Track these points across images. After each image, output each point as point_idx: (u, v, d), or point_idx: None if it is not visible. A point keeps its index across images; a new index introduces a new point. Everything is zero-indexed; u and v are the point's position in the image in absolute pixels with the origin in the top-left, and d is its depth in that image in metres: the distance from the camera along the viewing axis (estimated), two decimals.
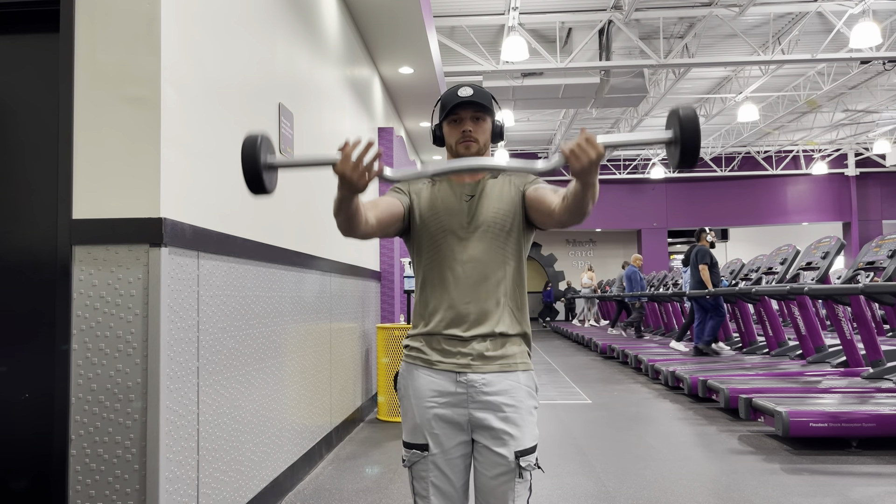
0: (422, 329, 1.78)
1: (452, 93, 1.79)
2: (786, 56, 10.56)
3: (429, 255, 1.79)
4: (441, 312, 1.75)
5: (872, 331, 5.57)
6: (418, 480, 1.74)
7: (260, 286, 3.18)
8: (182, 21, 2.44)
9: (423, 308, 1.79)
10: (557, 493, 3.54)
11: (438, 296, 1.76)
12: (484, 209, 1.77)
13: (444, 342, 1.74)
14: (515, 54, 9.10)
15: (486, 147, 1.81)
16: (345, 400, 4.94)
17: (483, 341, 1.72)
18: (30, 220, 2.35)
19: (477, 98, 1.75)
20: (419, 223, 1.81)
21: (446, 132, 1.81)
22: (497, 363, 1.72)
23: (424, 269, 1.80)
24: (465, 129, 1.77)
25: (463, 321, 1.73)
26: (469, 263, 1.74)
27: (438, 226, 1.78)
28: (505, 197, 1.79)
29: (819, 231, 22.61)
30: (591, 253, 23.63)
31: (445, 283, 1.75)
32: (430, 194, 1.83)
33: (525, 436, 1.70)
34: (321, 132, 4.43)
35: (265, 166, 1.52)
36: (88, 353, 2.23)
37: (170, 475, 2.29)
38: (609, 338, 12.22)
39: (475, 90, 1.77)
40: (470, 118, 1.77)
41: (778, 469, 3.90)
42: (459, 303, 1.73)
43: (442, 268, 1.76)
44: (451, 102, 1.77)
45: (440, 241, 1.77)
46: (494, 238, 1.76)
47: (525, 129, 17.31)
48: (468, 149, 1.77)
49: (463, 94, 1.76)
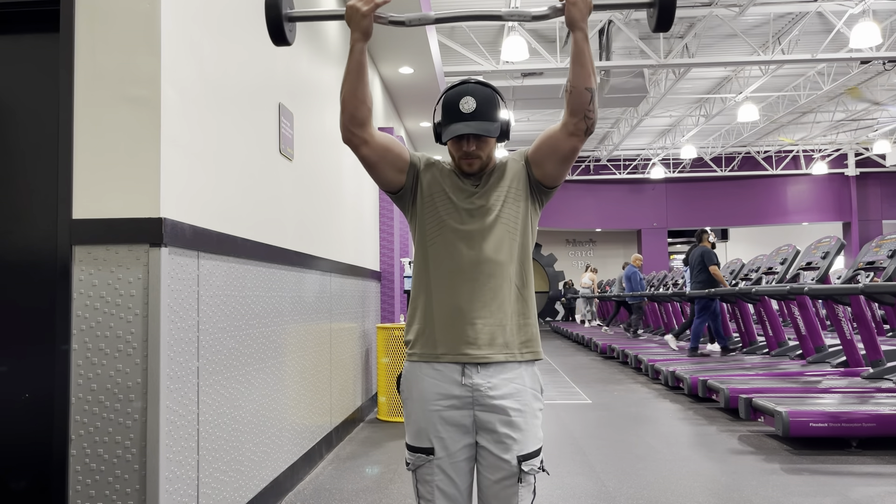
0: (424, 322, 1.74)
1: (454, 101, 1.72)
2: (786, 56, 10.56)
3: (432, 242, 1.75)
4: (443, 305, 1.71)
5: (872, 331, 5.57)
6: (423, 484, 1.71)
7: (260, 286, 3.18)
8: (182, 21, 2.44)
9: (425, 300, 1.75)
10: (557, 493, 3.54)
11: (441, 287, 1.72)
12: (490, 202, 1.74)
13: (447, 333, 1.70)
14: (515, 54, 9.10)
15: (489, 158, 1.77)
16: (345, 400, 4.94)
17: (488, 329, 1.69)
18: (30, 220, 2.35)
19: (479, 127, 1.68)
20: (420, 201, 1.78)
21: (449, 144, 1.76)
22: (503, 352, 1.70)
23: (426, 256, 1.76)
24: (467, 151, 1.72)
25: (467, 311, 1.69)
26: (474, 253, 1.71)
27: (442, 210, 1.75)
28: (514, 185, 1.76)
29: (819, 231, 22.60)
30: (591, 253, 23.62)
31: (446, 283, 1.72)
32: (435, 177, 1.79)
33: (528, 440, 1.69)
34: (321, 132, 4.43)
35: (286, 17, 1.71)
36: (88, 353, 2.24)
37: (170, 475, 2.29)
38: (609, 338, 12.22)
39: (478, 102, 1.70)
40: (473, 137, 1.72)
41: (778, 469, 3.90)
42: (463, 293, 1.70)
43: (445, 256, 1.73)
44: (452, 121, 1.71)
45: (443, 228, 1.74)
46: (501, 230, 1.73)
47: (525, 129, 17.31)
48: (471, 166, 1.75)
49: (465, 109, 1.70)
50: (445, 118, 1.74)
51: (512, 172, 1.79)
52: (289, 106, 3.70)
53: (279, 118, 3.51)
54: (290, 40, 1.75)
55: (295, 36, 1.81)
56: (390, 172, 1.77)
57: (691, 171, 21.03)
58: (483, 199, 1.75)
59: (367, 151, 1.72)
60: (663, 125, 17.32)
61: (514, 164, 1.81)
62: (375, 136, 1.73)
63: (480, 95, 1.71)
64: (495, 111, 1.72)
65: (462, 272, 1.71)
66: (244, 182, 3.01)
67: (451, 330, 1.70)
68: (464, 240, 1.72)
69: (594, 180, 21.37)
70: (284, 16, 1.70)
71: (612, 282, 17.03)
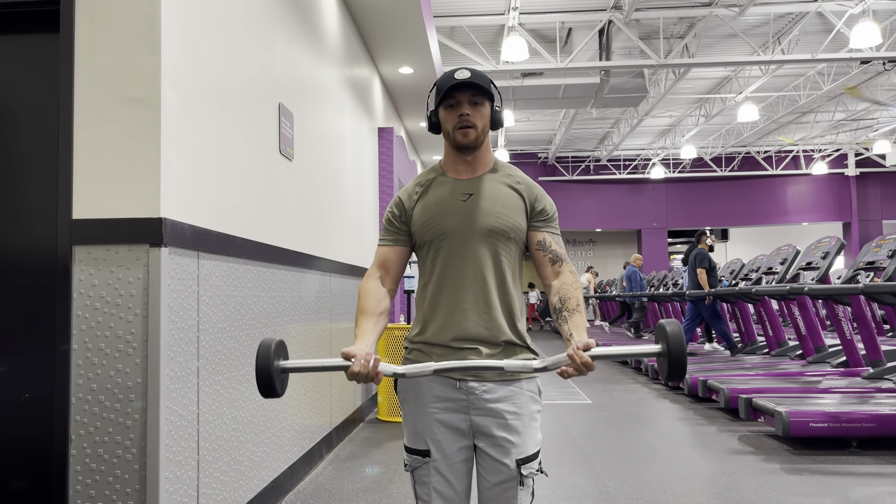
0: (421, 336, 1.75)
1: (449, 75, 1.70)
2: (786, 56, 10.56)
3: (431, 259, 1.75)
4: (440, 319, 1.72)
5: (872, 331, 5.57)
6: (420, 486, 1.72)
7: (260, 286, 3.18)
8: (182, 21, 2.44)
9: (422, 312, 1.76)
10: (557, 493, 3.54)
11: (437, 301, 1.73)
12: (484, 210, 1.72)
13: (444, 352, 1.70)
14: (515, 54, 9.10)
15: (484, 133, 1.73)
16: (345, 400, 4.94)
17: (483, 349, 1.69)
18: (30, 220, 2.35)
19: (475, 80, 1.67)
20: (417, 236, 1.77)
21: (443, 117, 1.73)
22: (498, 374, 1.68)
23: (426, 272, 1.77)
24: (462, 114, 1.69)
25: (462, 327, 1.69)
26: (468, 267, 1.70)
27: (435, 231, 1.74)
28: (509, 203, 1.74)
29: (819, 231, 22.60)
30: (591, 253, 23.62)
31: (444, 288, 1.72)
32: (423, 202, 1.77)
33: (527, 443, 1.68)
34: (321, 132, 4.43)
35: (277, 371, 1.54)
36: (88, 353, 2.23)
37: (170, 475, 2.29)
38: (608, 338, 12.21)
39: (473, 72, 1.69)
40: (468, 102, 1.69)
41: (778, 469, 3.90)
42: (457, 309, 1.70)
43: (442, 272, 1.73)
44: (447, 84, 1.69)
45: (438, 244, 1.74)
46: (494, 241, 1.72)
47: (525, 129, 17.31)
48: (466, 136, 1.70)
49: (460, 77, 1.68)
50: (439, 93, 1.72)
51: (507, 187, 1.77)
52: (289, 106, 3.70)
53: (279, 118, 3.50)
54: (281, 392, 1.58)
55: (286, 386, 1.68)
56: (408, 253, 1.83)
57: (691, 171, 21.02)
58: (476, 209, 1.73)
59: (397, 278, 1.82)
60: (663, 125, 17.31)
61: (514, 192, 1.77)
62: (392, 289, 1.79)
63: (475, 71, 1.71)
64: (489, 86, 1.71)
65: (456, 275, 1.71)
66: (244, 182, 3.01)
67: (444, 335, 1.70)
68: (456, 252, 1.72)
69: (594, 180, 21.36)
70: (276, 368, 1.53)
71: (612, 282, 17.02)
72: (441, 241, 1.73)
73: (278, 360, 1.55)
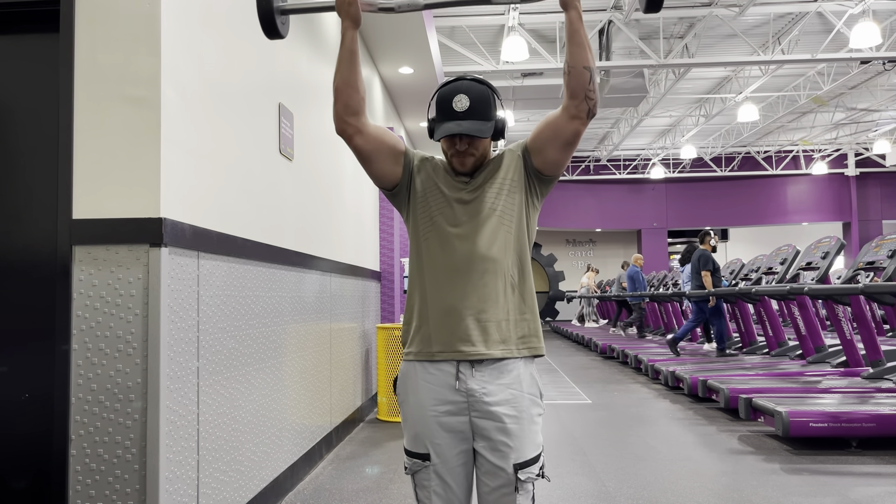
0: (419, 320, 1.73)
1: (448, 99, 1.68)
2: (786, 56, 10.56)
3: (426, 238, 1.73)
4: (438, 302, 1.69)
5: (872, 331, 5.57)
6: (421, 489, 1.71)
7: (260, 286, 3.18)
8: (182, 21, 2.44)
9: (420, 297, 1.74)
10: (557, 493, 3.54)
11: (435, 284, 1.70)
12: (484, 193, 1.72)
13: (442, 330, 1.68)
14: (515, 54, 9.10)
15: (483, 156, 1.74)
16: (345, 400, 4.94)
17: (483, 325, 1.67)
18: (30, 220, 2.35)
19: (471, 127, 1.64)
20: (414, 199, 1.76)
21: (442, 142, 1.73)
22: (499, 348, 1.67)
23: (420, 252, 1.74)
24: (459, 150, 1.70)
25: (462, 307, 1.67)
26: (467, 248, 1.68)
27: (434, 206, 1.72)
28: (507, 180, 1.73)
29: (819, 231, 22.61)
30: (591, 253, 23.62)
31: (441, 269, 1.70)
32: (429, 174, 1.77)
33: (525, 447, 1.66)
34: (321, 132, 4.43)
35: (278, 10, 1.76)
36: (88, 353, 2.24)
37: (170, 475, 2.29)
38: (609, 338, 12.22)
39: (472, 100, 1.66)
40: (465, 136, 1.68)
41: (778, 469, 3.90)
42: (457, 289, 1.67)
43: (438, 253, 1.71)
44: (444, 119, 1.67)
45: (436, 224, 1.72)
46: (495, 223, 1.70)
47: (525, 130, 17.30)
48: (463, 164, 1.71)
49: (458, 108, 1.65)
50: (439, 115, 1.70)
51: (507, 164, 1.75)
52: (289, 106, 3.70)
53: (279, 118, 3.51)
54: (283, 33, 1.80)
55: (288, 29, 1.85)
56: (385, 164, 1.74)
57: (691, 171, 21.03)
58: (476, 192, 1.72)
59: (361, 142, 1.71)
60: (663, 125, 17.32)
61: (511, 154, 1.77)
62: (369, 126, 1.71)
63: (475, 93, 1.67)
64: (489, 109, 1.68)
65: (456, 268, 1.68)
66: (244, 182, 3.01)
67: (446, 327, 1.68)
68: (457, 235, 1.69)
69: (594, 180, 21.37)
70: (276, 9, 1.74)
71: (612, 282, 17.02)
72: (435, 228, 1.74)
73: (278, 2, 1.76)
